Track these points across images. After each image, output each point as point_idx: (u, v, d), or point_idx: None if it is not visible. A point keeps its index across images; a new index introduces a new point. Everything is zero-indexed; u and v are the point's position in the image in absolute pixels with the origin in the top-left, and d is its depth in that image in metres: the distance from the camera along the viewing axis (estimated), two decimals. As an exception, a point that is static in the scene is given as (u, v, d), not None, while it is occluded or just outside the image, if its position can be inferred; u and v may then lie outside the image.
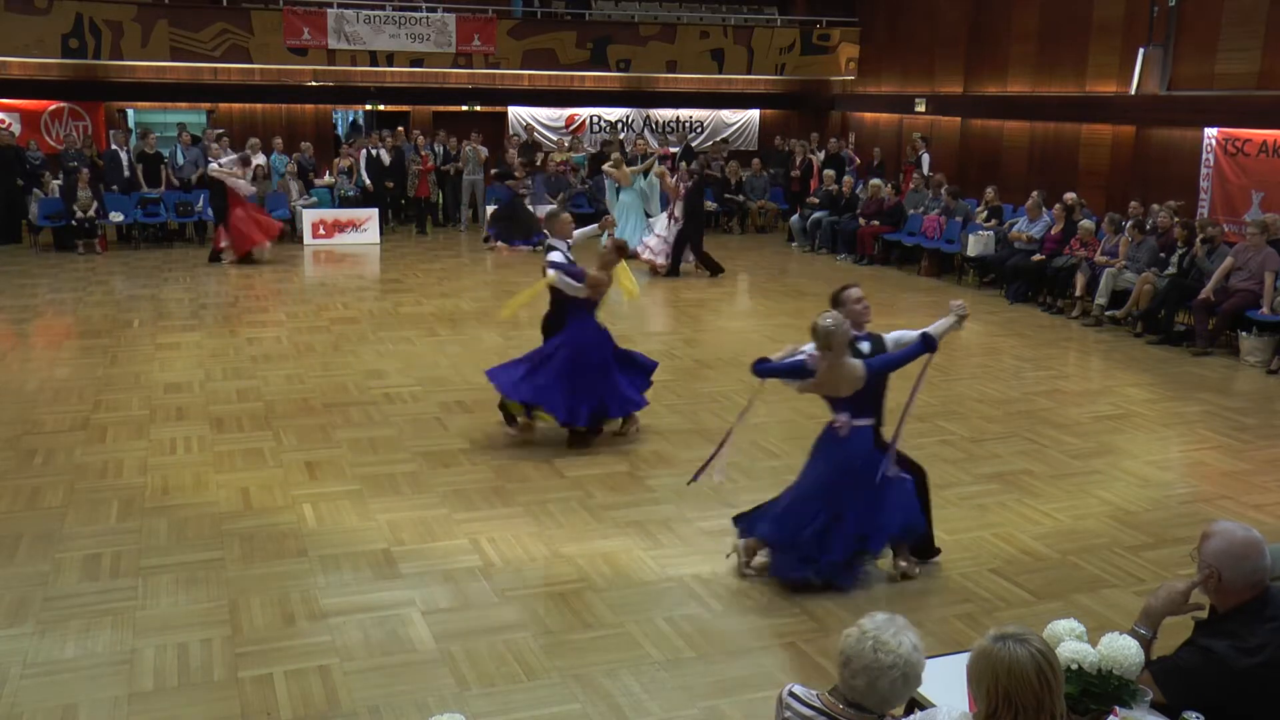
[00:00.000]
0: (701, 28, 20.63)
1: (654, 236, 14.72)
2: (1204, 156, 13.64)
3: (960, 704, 2.72)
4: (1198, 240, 11.08)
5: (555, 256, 7.38)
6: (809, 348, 5.31)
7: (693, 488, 6.70)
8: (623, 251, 7.72)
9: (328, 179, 17.84)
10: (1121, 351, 10.74)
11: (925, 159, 18.02)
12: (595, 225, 8.56)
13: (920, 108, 18.99)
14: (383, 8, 18.58)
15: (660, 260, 14.52)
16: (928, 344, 5.24)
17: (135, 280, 13.48)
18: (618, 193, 15.98)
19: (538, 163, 18.60)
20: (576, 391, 7.18)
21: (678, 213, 14.54)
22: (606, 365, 7.36)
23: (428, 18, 18.72)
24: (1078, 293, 12.12)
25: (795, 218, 17.44)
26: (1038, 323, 12.03)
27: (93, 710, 4.23)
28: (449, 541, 5.87)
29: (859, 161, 19.11)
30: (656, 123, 21.62)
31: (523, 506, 6.38)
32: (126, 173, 16.35)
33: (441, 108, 20.31)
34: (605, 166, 16.51)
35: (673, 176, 15.64)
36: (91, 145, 17.06)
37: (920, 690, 3.15)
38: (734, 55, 20.62)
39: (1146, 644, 3.07)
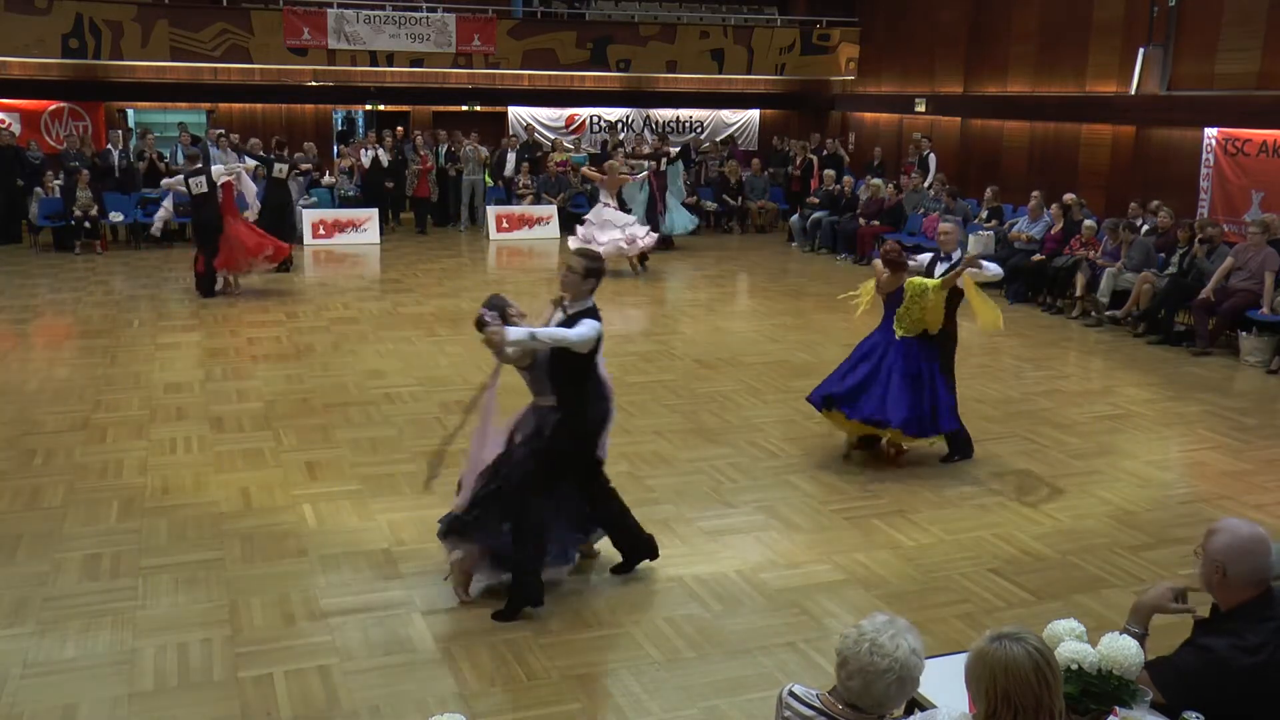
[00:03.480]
0: (701, 28, 20.64)
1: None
2: (1204, 156, 13.63)
3: (960, 704, 2.72)
4: (1196, 240, 11.10)
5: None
6: None
7: (692, 488, 6.70)
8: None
9: (328, 179, 17.86)
10: (1121, 351, 10.74)
11: (932, 159, 17.95)
12: None
13: (920, 108, 19.00)
14: (383, 8, 18.59)
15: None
16: None
17: (135, 280, 13.48)
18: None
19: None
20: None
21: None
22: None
23: (428, 18, 18.73)
24: (1078, 293, 12.12)
25: (795, 218, 17.44)
26: (1038, 323, 12.03)
27: (93, 710, 4.23)
28: (449, 541, 5.86)
29: (848, 159, 19.12)
30: (656, 123, 21.63)
31: (523, 506, 6.36)
32: (121, 168, 16.35)
33: (441, 108, 20.32)
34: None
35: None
36: (90, 145, 17.05)
37: (921, 690, 3.15)
38: (734, 55, 20.63)
39: (1139, 641, 3.07)
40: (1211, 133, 13.51)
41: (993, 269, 7.15)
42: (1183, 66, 14.01)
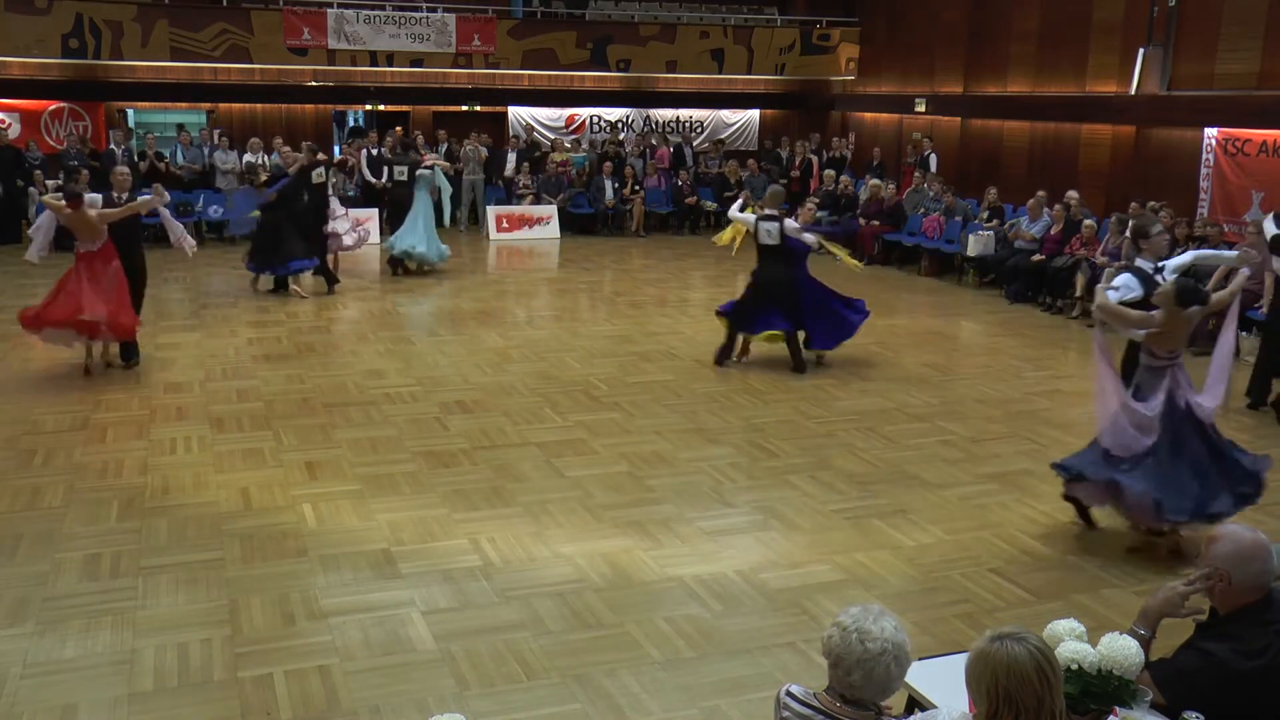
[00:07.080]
0: (701, 28, 20.63)
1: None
2: (1204, 156, 13.63)
3: (960, 704, 2.72)
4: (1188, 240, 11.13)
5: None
6: None
7: (692, 488, 6.71)
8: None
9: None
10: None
11: (933, 159, 17.94)
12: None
13: (920, 108, 18.99)
14: (383, 8, 18.58)
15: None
16: None
17: (135, 280, 13.44)
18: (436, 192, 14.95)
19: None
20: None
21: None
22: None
23: (428, 18, 18.72)
24: (1078, 293, 12.13)
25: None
26: (1038, 323, 12.03)
27: (93, 710, 4.23)
28: (449, 541, 5.87)
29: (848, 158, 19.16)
30: (657, 123, 21.62)
31: (523, 506, 6.38)
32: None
33: (441, 108, 20.31)
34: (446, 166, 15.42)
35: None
36: (90, 145, 17.04)
37: (921, 691, 3.16)
38: (734, 55, 20.62)
39: (1145, 644, 3.07)
40: (1211, 133, 13.51)
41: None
42: (1183, 66, 14.01)
